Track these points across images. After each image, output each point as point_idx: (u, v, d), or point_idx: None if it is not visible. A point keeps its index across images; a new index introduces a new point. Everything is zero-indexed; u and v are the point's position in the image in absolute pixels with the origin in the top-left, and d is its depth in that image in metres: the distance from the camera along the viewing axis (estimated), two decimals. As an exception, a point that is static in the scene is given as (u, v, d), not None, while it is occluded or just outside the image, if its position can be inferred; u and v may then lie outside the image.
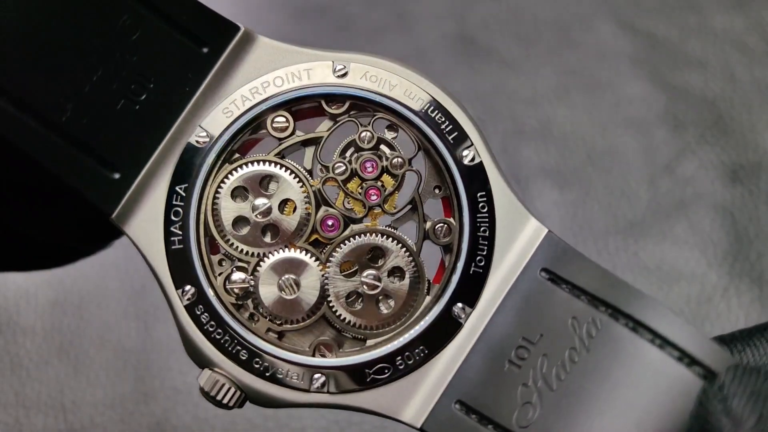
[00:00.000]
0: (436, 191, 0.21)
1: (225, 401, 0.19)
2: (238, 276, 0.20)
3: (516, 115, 0.54)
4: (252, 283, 0.20)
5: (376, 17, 0.56)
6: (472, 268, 0.20)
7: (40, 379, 0.40)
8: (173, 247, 0.20)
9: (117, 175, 0.20)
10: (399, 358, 0.19)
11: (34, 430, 0.39)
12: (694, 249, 0.46)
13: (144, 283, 0.44)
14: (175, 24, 0.20)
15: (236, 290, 0.20)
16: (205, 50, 0.20)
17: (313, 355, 0.20)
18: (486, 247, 0.19)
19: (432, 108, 0.20)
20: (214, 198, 0.20)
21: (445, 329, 0.19)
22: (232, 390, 0.19)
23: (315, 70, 0.20)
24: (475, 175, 0.20)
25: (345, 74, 0.20)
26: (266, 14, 0.54)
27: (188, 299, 0.20)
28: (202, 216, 0.20)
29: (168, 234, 0.20)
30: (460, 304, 0.19)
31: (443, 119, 0.20)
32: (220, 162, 0.20)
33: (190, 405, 0.40)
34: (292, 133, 0.21)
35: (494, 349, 0.19)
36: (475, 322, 0.19)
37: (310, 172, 0.21)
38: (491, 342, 0.19)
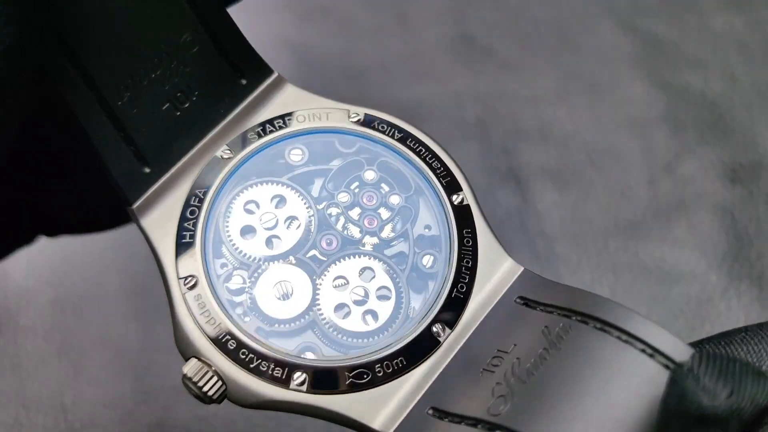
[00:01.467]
0: (426, 230, 0.23)
1: (206, 390, 0.20)
2: (237, 277, 0.21)
3: (516, 116, 0.54)
4: (249, 284, 0.21)
5: (376, 17, 0.56)
6: (454, 293, 0.21)
7: (40, 378, 0.40)
8: (183, 240, 0.21)
9: (147, 170, 0.22)
10: (378, 366, 0.20)
11: (34, 430, 0.39)
12: (694, 249, 0.46)
13: (144, 283, 0.44)
14: (226, 53, 0.23)
15: (233, 289, 0.21)
16: (243, 82, 0.23)
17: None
18: (468, 276, 0.21)
19: (430, 156, 0.23)
20: (228, 206, 0.22)
21: (424, 345, 0.20)
22: (215, 379, 0.20)
23: (333, 114, 0.23)
24: (463, 214, 0.22)
25: (359, 121, 0.23)
26: (268, 15, 0.54)
27: (188, 288, 0.21)
28: (214, 219, 0.22)
29: (180, 229, 0.22)
30: (440, 325, 0.21)
31: (440, 167, 0.23)
32: (239, 177, 0.23)
33: (190, 404, 0.40)
34: (307, 164, 0.23)
35: (470, 361, 0.20)
36: (453, 342, 0.20)
37: (317, 199, 0.23)
38: (467, 356, 0.20)
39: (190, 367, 0.20)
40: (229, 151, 0.23)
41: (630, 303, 0.44)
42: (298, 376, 0.20)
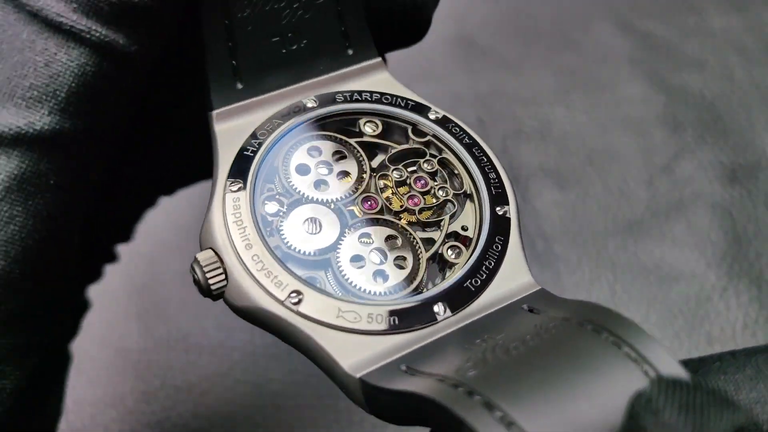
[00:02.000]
0: (462, 230, 0.23)
1: (210, 278, 0.21)
2: (277, 202, 0.23)
3: (516, 116, 0.54)
4: (285, 210, 0.23)
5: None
6: (467, 284, 0.22)
7: (41, 378, 0.40)
8: (244, 153, 0.23)
9: (239, 86, 0.24)
10: (370, 316, 0.21)
11: (35, 429, 0.39)
12: (693, 249, 0.46)
13: (144, 283, 0.44)
14: (343, 20, 0.25)
15: (269, 211, 0.23)
16: (349, 52, 0.25)
17: None
18: (486, 275, 0.22)
19: (489, 167, 0.24)
20: (294, 144, 0.24)
21: (421, 317, 0.21)
22: (220, 272, 0.21)
23: (416, 106, 0.25)
24: (502, 224, 0.23)
25: (436, 119, 0.25)
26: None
27: (231, 190, 0.22)
28: (277, 149, 0.24)
29: (246, 144, 0.23)
30: (442, 305, 0.21)
31: (495, 179, 0.24)
32: (314, 125, 0.24)
33: (191, 404, 0.40)
34: (376, 138, 0.25)
35: (458, 341, 0.20)
36: (449, 324, 0.21)
37: (374, 168, 0.24)
38: (457, 337, 0.20)
39: (203, 255, 0.21)
40: (314, 102, 0.25)
41: (629, 302, 0.44)
42: (295, 296, 0.20)
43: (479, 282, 0.22)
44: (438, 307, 0.21)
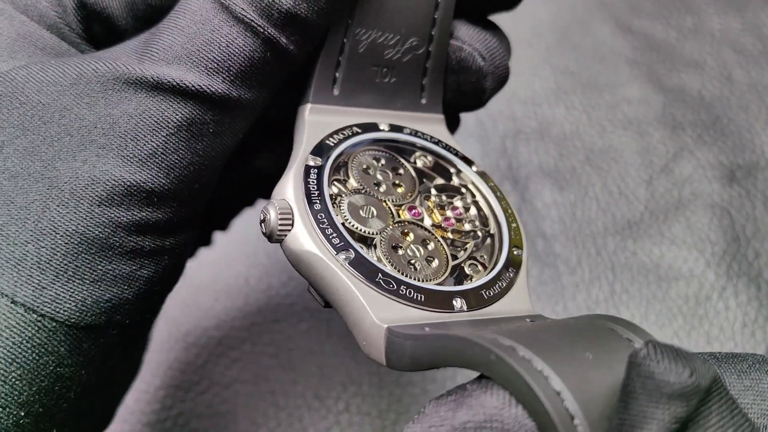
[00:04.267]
0: (481, 258, 0.27)
1: (280, 223, 0.24)
2: (341, 186, 0.27)
3: (516, 116, 0.54)
4: (347, 193, 0.27)
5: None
6: (482, 291, 0.25)
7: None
8: (325, 143, 0.27)
9: (336, 93, 0.28)
10: (404, 286, 0.24)
11: (35, 429, 0.39)
12: (692, 248, 0.46)
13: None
14: (425, 75, 0.30)
15: (335, 191, 0.27)
16: (423, 101, 0.31)
17: None
18: (498, 291, 0.26)
19: (512, 220, 0.29)
20: (364, 151, 0.28)
21: (442, 303, 0.24)
22: (290, 218, 0.24)
23: (464, 158, 0.30)
24: (515, 261, 0.27)
25: (478, 171, 0.30)
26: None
27: (308, 164, 0.26)
28: (351, 151, 0.28)
29: (328, 136, 0.28)
30: (462, 300, 0.25)
31: (515, 227, 0.28)
32: (380, 142, 0.29)
33: (190, 402, 0.40)
34: (424, 168, 0.30)
35: (470, 324, 0.23)
36: (463, 315, 0.24)
37: (421, 190, 0.29)
38: (469, 323, 0.23)
39: (281, 202, 0.25)
40: (386, 127, 0.29)
41: (629, 302, 0.44)
42: (345, 254, 0.24)
43: (492, 294, 0.25)
44: (456, 301, 0.24)
